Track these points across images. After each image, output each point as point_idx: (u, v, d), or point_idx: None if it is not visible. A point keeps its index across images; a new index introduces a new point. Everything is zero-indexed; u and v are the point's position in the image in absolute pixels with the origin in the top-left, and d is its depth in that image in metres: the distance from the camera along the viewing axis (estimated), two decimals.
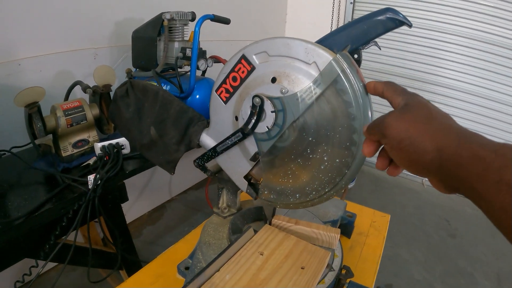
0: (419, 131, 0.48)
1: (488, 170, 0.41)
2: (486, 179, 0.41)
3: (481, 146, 0.43)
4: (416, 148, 0.47)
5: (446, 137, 0.46)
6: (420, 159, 0.47)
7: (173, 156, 1.03)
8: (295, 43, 0.72)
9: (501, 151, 0.41)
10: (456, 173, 0.44)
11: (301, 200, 0.82)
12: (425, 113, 0.50)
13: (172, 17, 1.89)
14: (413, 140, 0.48)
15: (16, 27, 1.92)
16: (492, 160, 0.41)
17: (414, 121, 0.49)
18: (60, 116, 1.63)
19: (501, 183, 0.39)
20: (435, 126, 0.48)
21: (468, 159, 0.43)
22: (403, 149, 0.49)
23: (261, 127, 0.79)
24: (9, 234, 1.28)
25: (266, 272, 0.78)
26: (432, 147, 0.46)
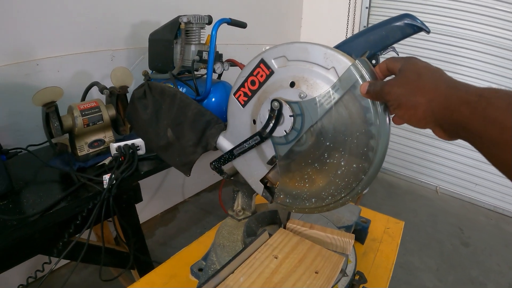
0: (411, 89, 0.57)
1: (475, 112, 0.47)
2: (474, 119, 0.47)
3: (467, 93, 0.50)
4: (411, 104, 0.56)
5: (435, 90, 0.54)
6: (416, 112, 0.56)
7: (190, 158, 1.04)
8: (314, 48, 0.73)
9: (485, 94, 0.47)
10: (450, 119, 0.52)
11: (316, 205, 0.82)
12: (414, 73, 0.58)
13: (189, 21, 1.90)
14: (407, 98, 0.57)
15: (35, 28, 1.96)
16: (477, 103, 0.47)
17: (406, 83, 0.58)
18: (77, 116, 1.65)
19: (486, 120, 0.46)
20: (424, 82, 0.56)
21: (457, 105, 0.50)
22: (401, 107, 0.58)
23: (279, 131, 0.80)
24: (24, 230, 1.31)
25: (280, 275, 0.78)
26: (424, 100, 0.55)
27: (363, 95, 0.67)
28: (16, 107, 1.95)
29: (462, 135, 0.52)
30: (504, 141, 0.44)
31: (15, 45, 1.91)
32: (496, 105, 0.45)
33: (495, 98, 0.46)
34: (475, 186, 3.66)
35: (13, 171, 1.49)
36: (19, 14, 1.87)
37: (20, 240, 1.32)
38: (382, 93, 0.62)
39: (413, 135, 3.85)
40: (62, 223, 1.44)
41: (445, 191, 3.85)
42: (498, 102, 0.45)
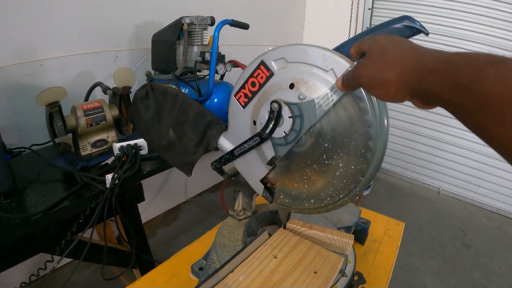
0: (379, 67, 0.56)
1: (443, 80, 0.47)
2: (444, 87, 0.47)
3: (435, 60, 0.49)
4: (382, 82, 0.56)
5: (402, 62, 0.54)
6: (389, 89, 0.56)
7: (191, 158, 1.05)
8: (313, 50, 0.73)
9: (453, 60, 0.46)
10: (422, 88, 0.51)
11: (315, 205, 0.83)
12: (379, 50, 0.58)
13: (191, 22, 1.91)
14: (377, 77, 0.57)
15: (39, 28, 1.97)
16: (445, 70, 0.47)
17: (373, 62, 0.58)
18: (80, 116, 1.66)
19: (455, 87, 0.45)
20: (390, 57, 0.55)
21: (425, 75, 0.50)
22: (374, 87, 0.58)
23: (278, 132, 0.81)
24: (27, 228, 1.32)
25: (279, 275, 0.79)
26: (393, 75, 0.54)
27: (341, 90, 0.69)
28: (20, 107, 1.96)
29: (437, 103, 0.51)
30: (474, 108, 0.44)
31: (19, 45, 1.93)
32: (464, 71, 0.44)
33: (463, 65, 0.45)
34: (477, 188, 3.65)
35: (16, 170, 1.50)
36: (23, 14, 1.88)
37: (23, 238, 1.33)
38: (354, 79, 0.63)
39: (416, 136, 3.85)
40: (65, 222, 1.45)
41: (448, 192, 3.84)
42: (466, 69, 0.44)
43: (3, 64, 1.88)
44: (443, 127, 3.66)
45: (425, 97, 0.52)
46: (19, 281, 1.48)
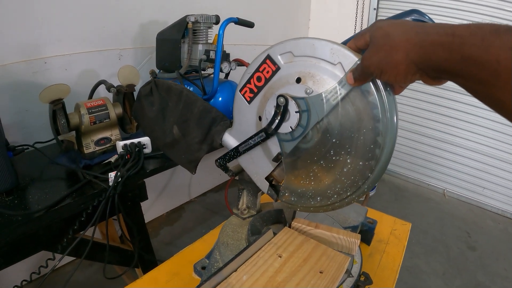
0: (385, 52, 0.57)
1: (451, 52, 0.47)
2: (452, 60, 0.48)
3: (439, 34, 0.49)
4: (392, 64, 0.57)
5: (407, 42, 0.54)
6: (399, 70, 0.56)
7: (195, 156, 1.03)
8: (320, 43, 0.72)
9: (458, 32, 0.47)
10: (430, 64, 0.52)
11: (322, 203, 0.81)
12: (382, 35, 0.58)
13: (196, 20, 1.91)
14: (386, 61, 0.57)
15: (43, 26, 1.98)
16: (451, 42, 0.47)
17: (379, 48, 0.58)
18: (84, 114, 1.66)
19: (463, 59, 0.46)
20: (394, 39, 0.56)
21: (432, 49, 0.50)
22: (384, 71, 0.59)
23: (284, 128, 0.79)
24: (28, 226, 1.32)
25: (283, 274, 0.77)
26: (401, 56, 0.55)
27: (353, 85, 0.68)
28: (23, 104, 1.97)
29: (447, 78, 0.52)
30: (483, 78, 0.45)
31: (24, 43, 1.93)
32: (471, 42, 0.45)
33: (469, 36, 0.45)
34: (482, 189, 3.63)
35: (19, 167, 1.50)
36: (27, 12, 1.89)
37: (24, 236, 1.33)
38: (365, 71, 0.63)
39: (421, 137, 3.84)
40: (67, 220, 1.45)
41: (453, 194, 3.83)
42: (472, 39, 0.45)
43: (7, 61, 1.88)
44: (448, 128, 3.65)
45: (434, 72, 0.53)
46: (20, 279, 1.47)
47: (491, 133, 3.44)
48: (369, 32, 0.62)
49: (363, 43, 0.65)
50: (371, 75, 0.63)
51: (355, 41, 0.67)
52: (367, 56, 0.61)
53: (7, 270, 1.37)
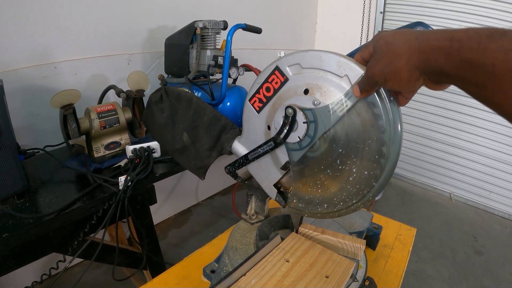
0: (388, 59, 0.59)
1: (450, 57, 0.49)
2: (451, 63, 0.50)
3: (438, 39, 0.52)
4: (394, 71, 0.58)
5: (408, 48, 0.56)
6: (402, 76, 0.58)
7: (205, 162, 1.06)
8: (327, 56, 0.74)
9: (456, 37, 0.49)
10: (430, 69, 0.54)
11: (328, 210, 0.83)
12: (384, 44, 0.61)
13: (204, 26, 1.93)
14: (389, 68, 0.59)
15: (54, 31, 2.01)
16: (449, 47, 0.49)
17: (382, 57, 0.61)
18: (94, 118, 1.68)
19: (462, 62, 0.48)
20: (396, 47, 0.58)
21: (431, 54, 0.52)
22: (388, 79, 0.60)
23: (292, 137, 0.81)
24: (40, 228, 1.34)
25: (291, 279, 0.79)
26: (403, 62, 0.57)
27: (360, 97, 0.70)
28: (34, 108, 2.00)
29: (447, 81, 0.54)
30: (480, 80, 0.46)
31: (35, 48, 1.96)
32: (469, 46, 0.47)
33: (467, 40, 0.47)
34: (489, 193, 3.62)
35: (30, 170, 1.53)
36: (38, 17, 1.92)
37: (36, 237, 1.36)
38: (370, 80, 0.65)
39: (428, 141, 3.84)
40: (77, 223, 1.47)
41: (460, 198, 3.82)
42: (469, 43, 0.46)
43: (18, 66, 1.91)
44: (455, 132, 3.65)
45: (436, 76, 0.55)
46: (30, 280, 1.50)
47: (498, 137, 3.43)
48: (372, 43, 0.65)
49: (367, 54, 0.67)
50: (376, 84, 0.65)
51: (361, 53, 0.69)
52: (371, 65, 0.64)
53: (18, 271, 1.39)
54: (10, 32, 1.85)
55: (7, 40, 1.85)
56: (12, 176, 1.41)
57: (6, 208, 1.34)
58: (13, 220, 1.32)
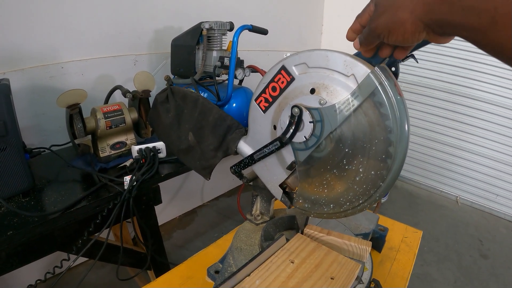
0: (391, 12, 0.59)
1: (452, 6, 0.50)
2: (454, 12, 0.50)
3: None
4: (399, 23, 0.58)
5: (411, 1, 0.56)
6: (406, 28, 0.58)
7: (210, 162, 1.06)
8: (334, 55, 0.74)
9: None
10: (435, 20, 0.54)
11: (334, 210, 0.82)
12: None
13: (211, 27, 1.94)
14: (392, 20, 0.59)
15: (60, 31, 2.03)
16: None
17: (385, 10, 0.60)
18: (100, 118, 1.69)
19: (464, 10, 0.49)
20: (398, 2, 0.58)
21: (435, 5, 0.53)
22: (392, 31, 0.60)
23: (299, 137, 0.81)
24: (44, 226, 1.35)
25: (295, 280, 0.79)
26: (407, 14, 0.57)
27: (359, 49, 0.71)
28: (40, 108, 2.02)
29: (451, 31, 0.54)
30: (483, 25, 0.47)
31: (41, 48, 1.98)
32: None
33: None
34: (496, 197, 3.60)
35: (35, 169, 1.54)
36: (45, 18, 1.94)
37: (40, 236, 1.36)
38: (371, 33, 0.65)
39: (435, 144, 3.83)
40: (82, 222, 1.48)
41: (466, 201, 3.80)
42: None
43: (25, 66, 1.93)
44: (461, 135, 3.64)
45: (440, 28, 0.55)
46: (33, 279, 1.51)
47: (505, 140, 3.42)
48: (372, 1, 0.65)
49: (367, 17, 0.67)
50: (378, 37, 0.64)
51: (359, 20, 0.69)
52: (374, 18, 0.63)
53: (21, 270, 1.40)
54: (18, 32, 1.87)
55: (15, 40, 1.87)
56: (18, 174, 1.42)
57: (12, 206, 1.35)
58: (18, 218, 1.33)
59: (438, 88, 3.67)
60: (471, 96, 3.51)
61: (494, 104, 3.43)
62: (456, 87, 3.57)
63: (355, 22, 0.70)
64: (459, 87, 3.56)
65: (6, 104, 1.32)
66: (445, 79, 3.62)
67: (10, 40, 1.85)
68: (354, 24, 0.71)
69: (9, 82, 1.40)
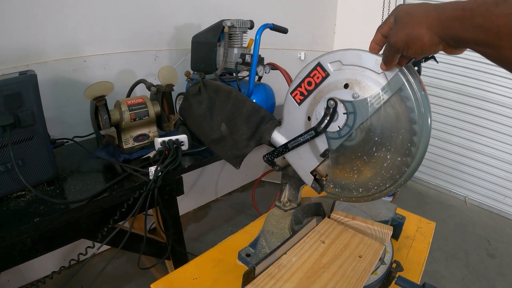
0: (410, 27, 0.65)
1: (463, 24, 0.57)
2: (465, 30, 0.57)
3: (453, 9, 0.59)
4: (417, 38, 0.65)
5: (428, 17, 0.63)
6: (424, 42, 0.64)
7: (242, 151, 1.13)
8: (366, 55, 0.82)
9: (468, 6, 0.56)
10: (448, 35, 0.61)
11: (363, 194, 0.90)
12: (406, 15, 0.67)
13: (232, 25, 2.00)
14: (411, 35, 0.65)
15: (84, 26, 2.10)
16: (462, 16, 0.57)
17: (404, 25, 0.67)
18: (125, 111, 1.74)
19: (474, 28, 0.55)
20: (417, 17, 0.65)
21: (448, 22, 0.60)
22: (411, 45, 0.66)
23: (333, 127, 0.89)
24: (71, 214, 1.39)
25: (327, 257, 0.86)
26: (424, 29, 0.63)
27: (384, 70, 0.78)
28: (63, 100, 2.08)
29: (464, 45, 0.61)
30: (491, 41, 0.54)
31: (65, 42, 2.05)
32: (478, 13, 0.54)
33: (476, 7, 0.54)
34: (504, 198, 3.63)
35: (58, 160, 1.57)
36: (70, 12, 2.01)
37: (66, 223, 1.40)
38: (391, 48, 0.71)
39: (445, 144, 3.86)
40: (107, 211, 1.52)
41: (474, 202, 3.83)
42: (478, 11, 0.54)
43: (49, 59, 1.99)
44: (471, 135, 3.67)
45: (454, 42, 0.61)
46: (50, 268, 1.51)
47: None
48: (392, 15, 0.71)
49: (387, 28, 0.73)
50: (398, 51, 0.71)
51: (380, 30, 0.76)
52: (393, 33, 0.70)
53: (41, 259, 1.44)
54: (43, 25, 1.93)
55: (39, 33, 1.93)
56: (43, 163, 1.47)
57: (39, 193, 1.37)
58: (44, 206, 1.37)
59: (449, 89, 3.70)
60: (482, 98, 3.53)
61: (504, 106, 3.45)
62: (467, 89, 3.60)
63: (376, 34, 0.78)
64: (470, 88, 3.58)
65: (35, 94, 1.37)
66: (456, 80, 3.64)
67: (35, 32, 1.91)
68: (376, 36, 0.78)
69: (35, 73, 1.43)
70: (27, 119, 1.35)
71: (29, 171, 1.43)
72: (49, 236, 1.37)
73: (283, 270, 0.82)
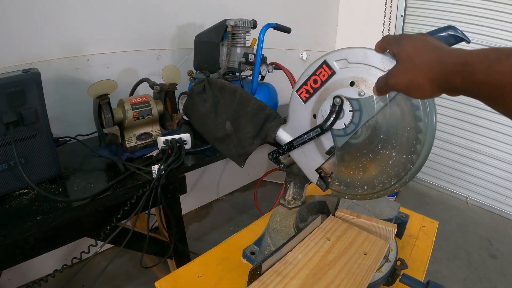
0: (411, 75, 0.65)
1: (465, 79, 0.55)
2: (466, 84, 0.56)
3: (454, 64, 0.58)
4: (418, 87, 0.64)
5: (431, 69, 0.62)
6: (425, 91, 0.64)
7: (247, 149, 1.13)
8: (372, 53, 0.82)
9: (470, 61, 0.55)
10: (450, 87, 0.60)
11: (368, 191, 0.90)
12: (407, 60, 0.66)
13: (235, 24, 2.00)
14: (412, 84, 0.65)
15: (87, 25, 2.10)
16: (464, 71, 0.55)
17: (405, 71, 0.66)
18: (128, 109, 1.74)
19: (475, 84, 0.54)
20: (419, 65, 0.64)
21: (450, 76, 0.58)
22: (411, 91, 0.66)
23: (338, 124, 0.90)
24: (74, 212, 1.38)
25: (333, 254, 0.87)
26: (425, 81, 0.62)
27: (376, 94, 0.77)
28: (65, 99, 2.08)
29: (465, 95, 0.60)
30: (492, 98, 0.53)
31: (68, 40, 2.05)
32: (479, 69, 0.53)
33: (478, 63, 0.53)
34: (505, 198, 3.62)
35: (60, 158, 1.57)
36: (73, 11, 2.01)
37: (69, 222, 1.39)
38: (389, 87, 0.71)
39: (446, 144, 3.86)
40: (110, 209, 1.51)
41: (476, 202, 3.82)
42: (480, 67, 0.53)
43: (52, 57, 1.99)
44: (473, 136, 3.66)
45: (453, 92, 0.61)
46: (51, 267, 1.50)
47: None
48: (395, 48, 0.70)
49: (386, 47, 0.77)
50: (397, 91, 0.71)
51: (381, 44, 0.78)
52: (393, 75, 0.69)
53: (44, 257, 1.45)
54: (46, 24, 1.93)
55: (42, 31, 1.93)
56: (46, 161, 1.47)
57: (42, 191, 1.37)
58: (47, 204, 1.36)
59: None
60: None
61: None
62: None
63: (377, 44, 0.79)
64: None
65: (38, 92, 1.37)
66: None
67: (38, 31, 1.91)
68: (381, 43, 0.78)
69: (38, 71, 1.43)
70: (30, 117, 1.35)
71: (32, 169, 1.43)
72: (51, 234, 1.36)
73: (289, 267, 0.82)
